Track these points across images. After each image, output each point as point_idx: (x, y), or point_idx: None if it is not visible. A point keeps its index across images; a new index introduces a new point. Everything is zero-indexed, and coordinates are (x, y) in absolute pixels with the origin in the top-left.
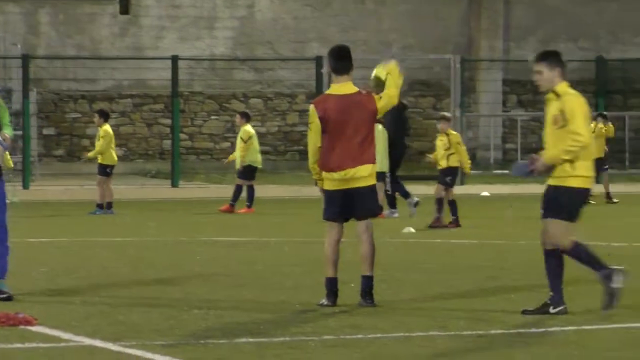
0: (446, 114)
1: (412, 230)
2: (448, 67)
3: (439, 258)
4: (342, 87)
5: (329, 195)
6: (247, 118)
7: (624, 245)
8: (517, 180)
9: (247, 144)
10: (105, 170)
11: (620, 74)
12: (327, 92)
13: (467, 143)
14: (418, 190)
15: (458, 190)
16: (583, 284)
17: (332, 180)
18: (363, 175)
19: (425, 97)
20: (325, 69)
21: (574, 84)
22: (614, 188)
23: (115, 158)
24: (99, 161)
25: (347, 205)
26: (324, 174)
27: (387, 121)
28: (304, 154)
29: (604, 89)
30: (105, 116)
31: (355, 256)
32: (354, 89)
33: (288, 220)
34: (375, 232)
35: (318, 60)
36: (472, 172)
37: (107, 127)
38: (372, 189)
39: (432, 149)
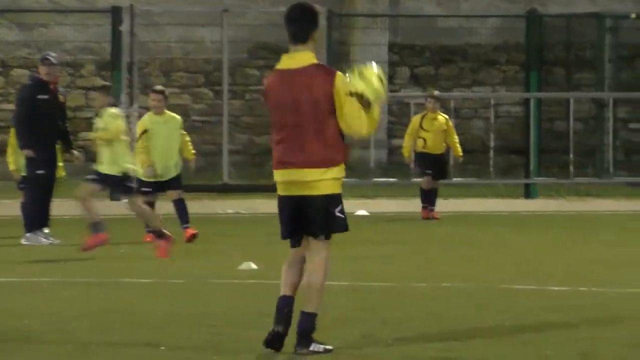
0: None
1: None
2: None
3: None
4: (291, 58)
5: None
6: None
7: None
8: (409, 193)
9: None
10: None
11: (562, 37)
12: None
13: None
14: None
15: None
16: None
17: (279, 183)
18: (310, 179)
19: (272, 67)
20: (124, 26)
21: (494, 50)
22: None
23: None
24: None
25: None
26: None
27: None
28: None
29: (538, 58)
30: None
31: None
32: (305, 62)
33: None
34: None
35: (114, 12)
36: (348, 180)
37: None
38: (323, 199)
39: None
